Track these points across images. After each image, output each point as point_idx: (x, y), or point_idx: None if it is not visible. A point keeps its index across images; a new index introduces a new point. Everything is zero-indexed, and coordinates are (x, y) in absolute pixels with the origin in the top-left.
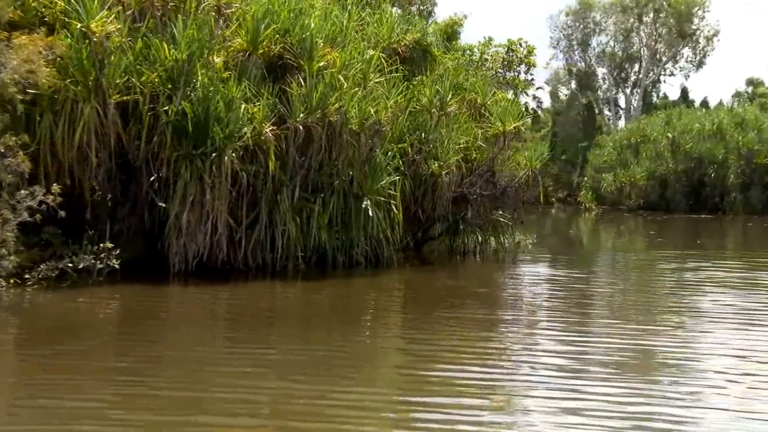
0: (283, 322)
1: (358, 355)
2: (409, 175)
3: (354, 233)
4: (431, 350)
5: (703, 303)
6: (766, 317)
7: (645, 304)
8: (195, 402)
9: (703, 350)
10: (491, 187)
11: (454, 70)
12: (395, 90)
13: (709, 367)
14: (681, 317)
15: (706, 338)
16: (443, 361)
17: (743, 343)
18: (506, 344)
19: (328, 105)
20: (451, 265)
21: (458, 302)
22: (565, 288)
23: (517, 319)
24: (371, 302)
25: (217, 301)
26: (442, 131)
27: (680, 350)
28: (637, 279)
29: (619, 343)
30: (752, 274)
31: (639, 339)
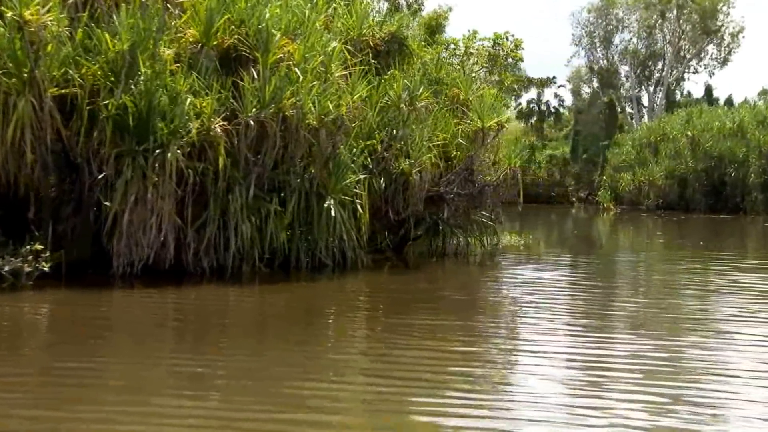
0: (221, 331)
1: (270, 371)
2: (378, 173)
3: (317, 234)
4: (362, 363)
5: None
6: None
7: (625, 308)
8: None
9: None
10: (470, 186)
11: (434, 65)
12: (361, 84)
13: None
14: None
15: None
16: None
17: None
18: (456, 353)
19: (283, 99)
20: (426, 268)
21: (417, 307)
22: (540, 292)
23: (476, 326)
24: (324, 308)
25: (156, 306)
26: (413, 127)
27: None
28: (625, 281)
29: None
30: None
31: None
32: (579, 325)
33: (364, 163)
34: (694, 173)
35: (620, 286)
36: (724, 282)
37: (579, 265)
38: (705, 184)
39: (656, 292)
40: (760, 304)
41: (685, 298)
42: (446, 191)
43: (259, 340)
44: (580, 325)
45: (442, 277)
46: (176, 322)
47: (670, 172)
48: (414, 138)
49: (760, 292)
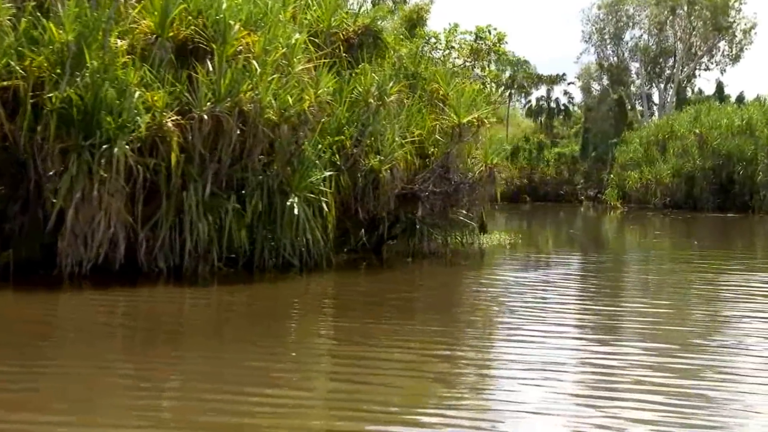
0: (172, 333)
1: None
2: (347, 170)
3: (281, 233)
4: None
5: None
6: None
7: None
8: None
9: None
10: (446, 184)
11: (411, 59)
12: (327, 78)
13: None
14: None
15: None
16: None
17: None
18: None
19: (239, 93)
20: (400, 268)
21: (379, 309)
22: (511, 294)
23: (436, 329)
24: (283, 310)
25: (105, 308)
26: (383, 123)
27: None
28: (604, 283)
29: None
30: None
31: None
32: (546, 329)
33: (332, 159)
34: (702, 171)
35: (597, 288)
36: (703, 283)
37: (560, 266)
38: (713, 182)
39: (632, 292)
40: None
41: (656, 298)
42: (421, 189)
43: (213, 342)
44: (547, 329)
45: (414, 278)
46: (125, 324)
47: (678, 170)
48: (385, 134)
49: (735, 297)
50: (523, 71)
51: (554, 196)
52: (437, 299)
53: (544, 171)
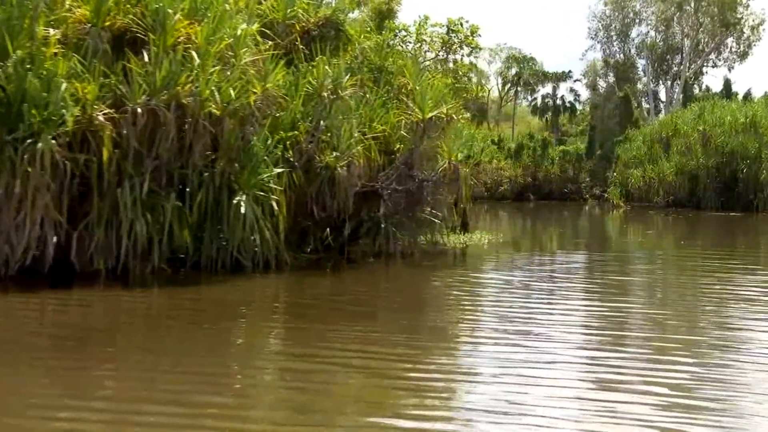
0: (102, 338)
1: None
2: (301, 167)
3: (228, 233)
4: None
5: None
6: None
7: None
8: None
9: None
10: (410, 182)
11: (376, 52)
12: (277, 71)
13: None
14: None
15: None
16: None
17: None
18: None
19: (177, 85)
20: (361, 269)
21: (325, 312)
22: (475, 296)
23: (378, 334)
24: (221, 313)
25: (31, 312)
26: (341, 118)
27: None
28: (576, 284)
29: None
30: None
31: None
32: (507, 332)
33: (286, 156)
34: (705, 169)
35: (563, 289)
36: (676, 285)
37: (534, 266)
38: (716, 180)
39: (600, 293)
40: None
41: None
42: (383, 187)
43: (146, 348)
44: (508, 332)
45: (374, 279)
46: (52, 329)
47: (681, 168)
48: (341, 129)
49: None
50: (530, 68)
51: (559, 194)
52: (391, 301)
53: (548, 169)
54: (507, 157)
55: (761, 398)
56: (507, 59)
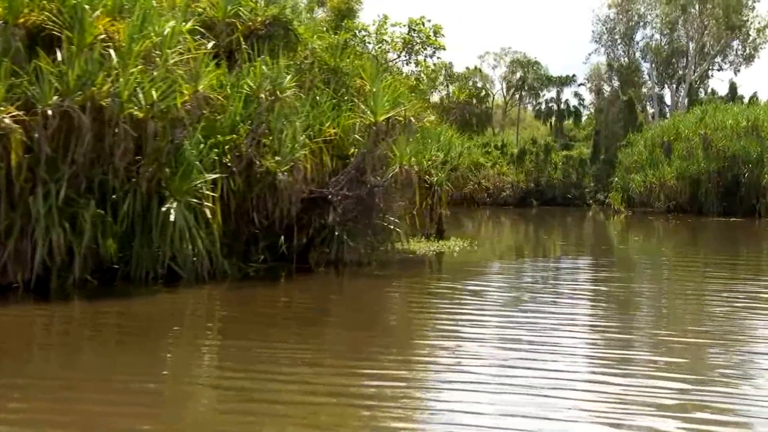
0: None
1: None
2: (239, 172)
3: (162, 242)
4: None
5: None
6: None
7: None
8: None
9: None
10: (361, 188)
11: (329, 52)
12: (209, 71)
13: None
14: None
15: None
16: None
17: None
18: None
19: (94, 85)
20: (308, 279)
21: (253, 327)
22: (426, 307)
23: (308, 348)
24: (148, 330)
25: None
26: (284, 121)
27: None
28: (537, 294)
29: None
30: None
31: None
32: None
33: (224, 160)
34: (707, 174)
35: (521, 299)
36: (647, 295)
37: (499, 274)
38: (719, 185)
39: (557, 303)
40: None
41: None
42: (332, 193)
43: (61, 367)
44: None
45: (318, 290)
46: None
47: (682, 172)
48: (283, 132)
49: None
50: (534, 72)
51: (562, 200)
52: (332, 313)
53: (551, 174)
54: (510, 162)
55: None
56: (511, 63)
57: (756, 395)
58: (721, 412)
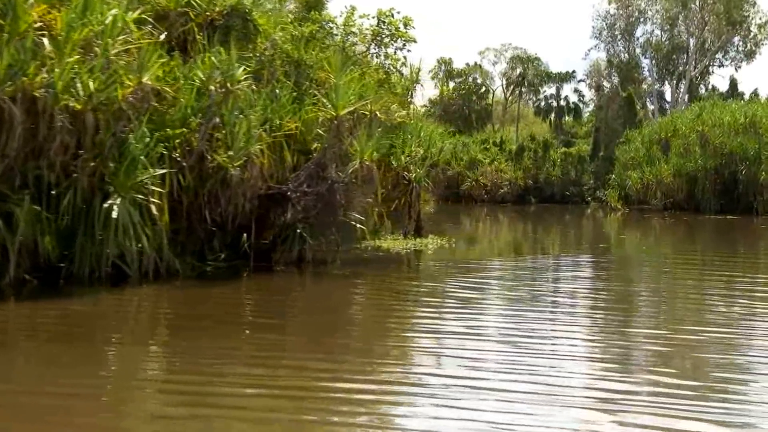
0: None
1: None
2: (189, 167)
3: (106, 240)
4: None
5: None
6: None
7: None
8: None
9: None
10: (322, 184)
11: (293, 43)
12: (155, 62)
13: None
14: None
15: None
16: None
17: None
18: None
19: (26, 75)
20: (266, 278)
21: (208, 329)
22: (385, 307)
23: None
24: (89, 333)
25: None
26: (237, 114)
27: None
28: (500, 294)
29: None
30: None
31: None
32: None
33: (174, 155)
34: (704, 171)
35: (482, 299)
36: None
37: (468, 273)
38: (716, 182)
39: (509, 304)
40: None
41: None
42: (291, 189)
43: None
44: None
45: (273, 289)
46: None
47: (678, 170)
48: (237, 126)
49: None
50: (534, 69)
51: (560, 197)
52: (287, 313)
53: (549, 172)
54: (508, 159)
55: None
56: (511, 59)
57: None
58: (722, 415)
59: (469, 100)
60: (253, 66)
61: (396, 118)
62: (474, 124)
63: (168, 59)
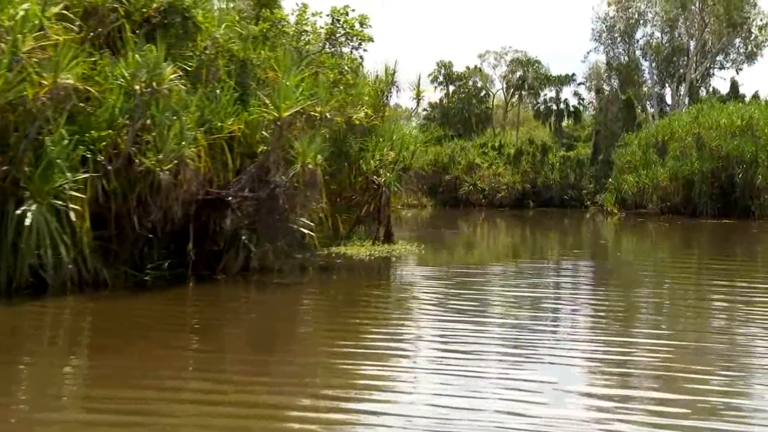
0: None
1: None
2: (114, 171)
3: (24, 248)
4: None
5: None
6: None
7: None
8: None
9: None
10: (264, 188)
11: (240, 42)
12: (68, 59)
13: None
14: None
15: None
16: None
17: None
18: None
19: None
20: (200, 288)
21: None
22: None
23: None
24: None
25: None
26: (167, 114)
27: None
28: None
29: None
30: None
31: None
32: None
33: (98, 158)
34: (701, 174)
35: (420, 306)
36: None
37: (422, 283)
38: (713, 186)
39: (443, 313)
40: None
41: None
42: (231, 194)
43: None
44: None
45: (211, 299)
46: None
47: (675, 173)
48: (167, 128)
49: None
50: (534, 72)
51: (559, 201)
52: (224, 324)
53: (548, 175)
54: (506, 163)
55: None
56: (511, 62)
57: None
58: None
59: (469, 104)
60: (194, 65)
61: (355, 120)
62: (474, 128)
63: (97, 58)
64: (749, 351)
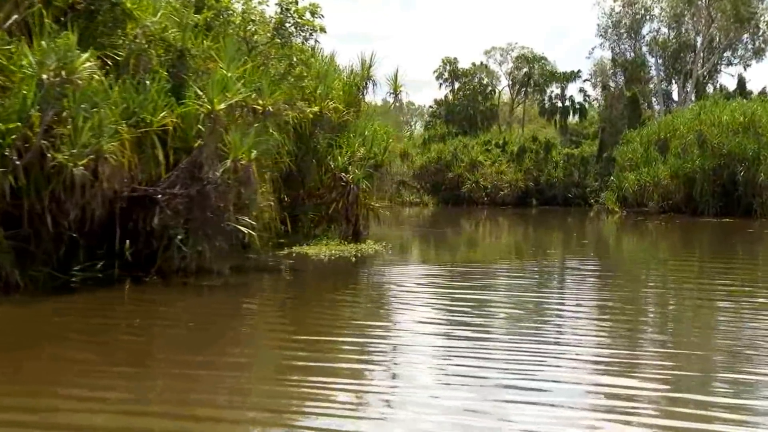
0: None
1: None
2: (26, 166)
3: None
4: None
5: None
6: None
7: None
8: None
9: None
10: (195, 185)
11: (175, 32)
12: None
13: None
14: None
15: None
16: None
17: None
18: None
19: None
20: (137, 292)
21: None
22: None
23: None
24: None
25: None
26: (84, 106)
27: None
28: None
29: None
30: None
31: None
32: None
33: (6, 153)
34: (702, 172)
35: (365, 307)
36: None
37: (375, 284)
38: (714, 184)
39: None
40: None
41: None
42: (159, 192)
43: None
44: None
45: (135, 303)
46: None
47: (676, 171)
48: (82, 119)
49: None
50: (540, 68)
51: (563, 199)
52: (144, 330)
53: (551, 173)
54: (509, 160)
55: None
56: (517, 59)
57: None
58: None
59: (475, 101)
60: (124, 54)
61: (309, 114)
62: (480, 125)
63: (14, 46)
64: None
